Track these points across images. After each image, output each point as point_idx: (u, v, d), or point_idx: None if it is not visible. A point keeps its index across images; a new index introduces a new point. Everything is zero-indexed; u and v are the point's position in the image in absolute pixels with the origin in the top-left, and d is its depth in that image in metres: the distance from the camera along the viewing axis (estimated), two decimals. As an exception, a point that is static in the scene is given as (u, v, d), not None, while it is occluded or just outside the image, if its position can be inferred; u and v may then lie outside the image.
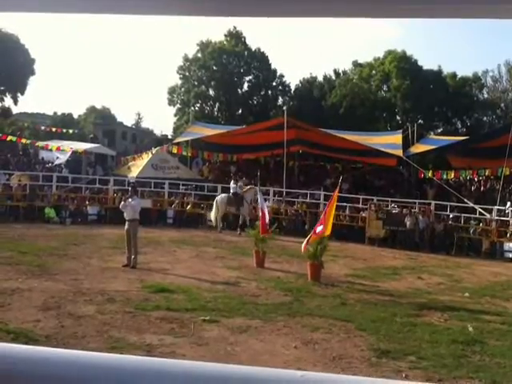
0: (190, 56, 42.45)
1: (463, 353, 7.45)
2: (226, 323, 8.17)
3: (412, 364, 6.88)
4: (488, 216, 21.47)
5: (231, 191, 21.58)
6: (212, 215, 21.07)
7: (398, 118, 39.54)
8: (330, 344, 7.58)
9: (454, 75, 38.80)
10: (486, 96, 39.24)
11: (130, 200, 12.77)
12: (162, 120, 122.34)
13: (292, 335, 7.87)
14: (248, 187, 21.73)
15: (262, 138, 28.28)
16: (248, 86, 42.70)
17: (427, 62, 68.63)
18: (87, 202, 22.92)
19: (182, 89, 42.56)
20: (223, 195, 21.34)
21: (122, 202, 13.16)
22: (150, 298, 9.43)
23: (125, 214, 12.76)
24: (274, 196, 24.20)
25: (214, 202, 21.02)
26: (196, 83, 41.84)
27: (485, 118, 39.02)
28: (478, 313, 10.03)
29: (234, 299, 9.72)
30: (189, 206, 23.46)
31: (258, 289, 10.87)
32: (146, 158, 27.29)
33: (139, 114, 63.96)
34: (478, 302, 11.17)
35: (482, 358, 7.29)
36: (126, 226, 12.59)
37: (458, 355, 7.32)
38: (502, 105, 37.68)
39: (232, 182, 22.04)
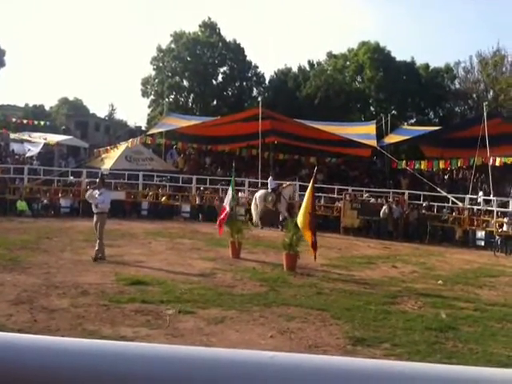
0: (164, 47, 42.01)
1: (436, 339, 7.54)
2: (201, 314, 8.13)
3: (387, 351, 6.94)
4: (460, 205, 21.83)
5: (269, 187, 21.23)
6: (252, 212, 20.79)
7: (371, 108, 39.81)
8: (305, 333, 7.60)
9: (426, 66, 39.19)
10: (457, 87, 39.72)
11: (97, 191, 12.44)
12: (135, 111, 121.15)
13: (268, 325, 7.86)
14: (287, 183, 21.55)
15: (237, 129, 28.21)
16: (222, 77, 42.48)
17: (400, 53, 69.27)
18: (60, 195, 22.59)
19: (156, 80, 42.11)
20: (262, 191, 21.01)
21: (89, 192, 12.88)
22: (125, 290, 9.32)
23: (93, 207, 12.50)
24: (249, 187, 24.18)
25: (253, 199, 20.78)
26: (170, 74, 41.42)
27: (457, 109, 39.52)
28: (451, 300, 10.18)
29: (209, 290, 9.67)
30: (163, 198, 23.31)
31: (234, 279, 10.84)
32: (119, 149, 27.00)
33: (112, 106, 63.21)
34: (451, 290, 11.33)
35: (455, 344, 7.39)
36: (94, 219, 12.34)
37: (431, 342, 7.41)
38: (474, 95, 38.19)
39: (270, 178, 21.66)
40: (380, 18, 78.17)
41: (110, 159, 26.62)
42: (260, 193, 20.86)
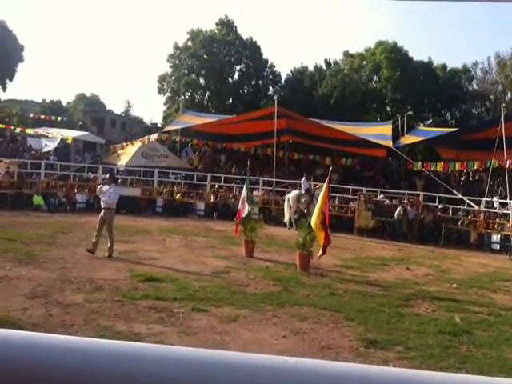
0: (181, 44, 42.11)
1: (450, 343, 7.48)
2: (214, 312, 8.15)
3: (400, 354, 6.91)
4: (476, 207, 21.63)
5: (303, 188, 21.12)
6: (285, 213, 20.78)
7: (388, 108, 39.57)
8: (318, 334, 7.58)
9: (443, 67, 38.85)
10: (475, 88, 39.33)
11: (107, 187, 12.49)
12: (151, 108, 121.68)
13: (281, 325, 7.86)
14: (319, 185, 21.50)
15: (253, 128, 28.21)
16: (239, 76, 42.46)
17: (417, 53, 68.73)
18: (76, 190, 22.78)
19: (172, 77, 42.19)
20: (295, 192, 20.94)
21: (98, 188, 12.97)
22: (139, 286, 9.37)
23: (101, 202, 12.56)
24: (264, 186, 24.18)
25: (286, 200, 20.78)
26: (186, 72, 41.50)
27: (474, 110, 39.14)
28: (465, 304, 10.10)
29: (222, 288, 9.69)
30: (178, 195, 23.40)
31: (247, 278, 10.85)
32: (135, 146, 27.14)
33: (129, 102, 63.84)
34: (465, 293, 11.24)
35: (469, 348, 7.33)
36: (101, 214, 12.34)
37: (445, 346, 7.35)
38: (492, 97, 37.76)
39: (304, 178, 21.59)
40: (397, 18, 77.60)
41: (125, 155, 26.77)
42: (293, 193, 20.75)
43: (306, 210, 20.42)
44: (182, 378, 0.79)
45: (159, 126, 40.16)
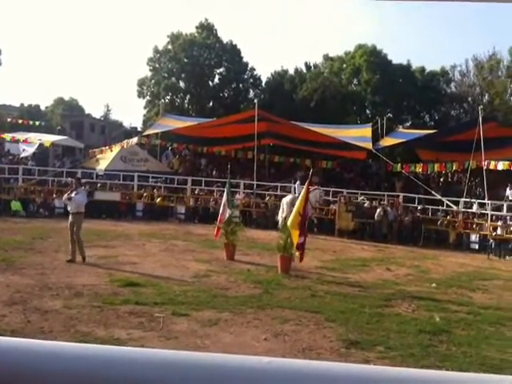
0: (161, 48, 41.96)
1: (430, 342, 7.54)
2: (195, 316, 8.11)
3: (380, 354, 6.93)
4: (455, 208, 21.89)
5: (297, 192, 20.97)
6: (279, 217, 20.68)
7: (367, 111, 39.86)
8: (299, 335, 7.58)
9: (422, 70, 39.25)
10: (453, 90, 39.83)
11: (75, 192, 12.27)
12: (131, 112, 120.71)
13: (262, 327, 7.85)
14: (312, 188, 21.40)
15: (233, 131, 28.19)
16: (219, 79, 42.42)
17: (396, 57, 69.41)
18: (54, 195, 22.52)
19: (152, 81, 42.02)
20: (289, 196, 20.81)
21: (65, 195, 12.74)
22: (119, 291, 9.29)
23: (68, 207, 12.37)
24: (245, 189, 24.17)
25: (281, 204, 20.68)
26: (166, 75, 41.36)
27: (452, 112, 39.61)
28: (444, 303, 10.19)
29: (203, 292, 9.65)
30: (158, 199, 23.29)
31: (228, 281, 10.83)
32: (114, 150, 26.95)
33: (108, 106, 63.25)
34: (444, 293, 11.35)
35: (449, 347, 7.39)
36: (70, 219, 12.13)
37: (425, 345, 7.41)
38: (469, 99, 38.28)
39: (298, 182, 21.45)
40: (377, 21, 78.30)
41: (105, 160, 26.58)
42: (287, 198, 20.65)
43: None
44: (159, 379, 0.79)
45: (139, 129, 39.95)
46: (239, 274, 11.68)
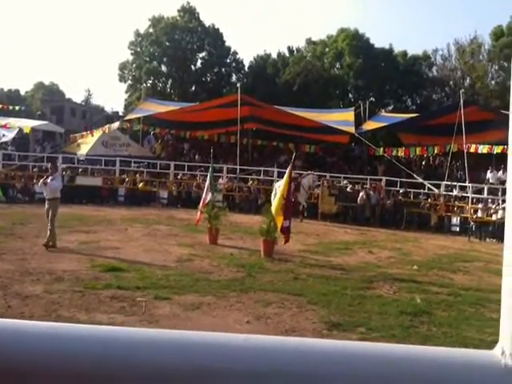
0: (142, 31, 41.49)
1: (411, 323, 7.63)
2: (178, 300, 8.11)
3: (362, 335, 6.99)
4: (436, 191, 22.08)
5: None
6: (272, 202, 20.49)
7: (350, 95, 39.91)
8: (282, 318, 7.63)
9: (404, 54, 39.33)
10: (435, 74, 40.01)
11: (50, 177, 12.01)
12: (112, 97, 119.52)
13: (245, 310, 7.88)
14: (305, 173, 21.30)
15: (216, 115, 28.02)
16: (201, 63, 42.12)
17: (379, 41, 69.43)
18: (34, 181, 22.23)
19: (134, 65, 41.60)
20: (282, 181, 20.68)
21: (41, 181, 12.48)
22: (100, 276, 9.25)
23: (44, 193, 12.16)
24: (228, 173, 24.11)
25: (273, 189, 20.53)
26: (148, 59, 40.96)
27: (434, 96, 39.81)
28: (425, 285, 10.31)
29: (186, 276, 9.64)
30: (141, 184, 23.13)
31: (211, 265, 10.82)
32: (96, 135, 26.66)
33: (89, 91, 62.51)
34: (425, 275, 11.47)
35: (430, 328, 7.49)
36: (46, 206, 11.88)
37: (406, 326, 7.49)
38: (451, 83, 38.49)
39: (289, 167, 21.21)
40: (359, 6, 78.11)
41: (86, 145, 26.30)
42: (280, 183, 20.61)
43: (293, 199, 20.36)
44: (132, 358, 0.79)
45: (120, 114, 39.52)
46: (222, 258, 11.68)
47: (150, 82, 41.24)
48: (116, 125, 27.28)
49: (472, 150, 22.41)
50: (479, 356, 0.75)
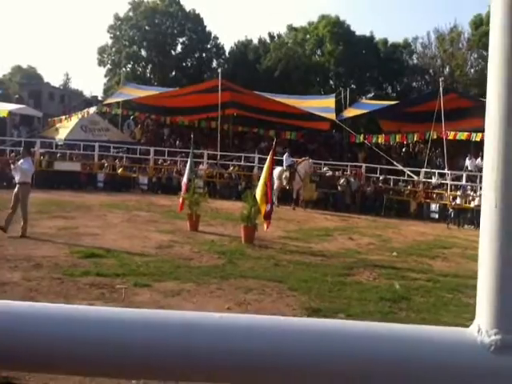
0: (122, 15, 40.98)
1: (390, 309, 7.69)
2: (158, 287, 8.05)
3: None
4: (416, 178, 22.28)
5: (284, 164, 20.59)
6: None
7: (331, 82, 39.95)
8: (262, 304, 7.63)
9: (385, 41, 39.47)
10: (415, 62, 40.26)
11: (21, 161, 11.62)
12: (91, 81, 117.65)
13: (225, 297, 7.86)
14: (301, 159, 21.09)
15: (197, 101, 27.84)
16: (182, 48, 41.78)
17: (360, 28, 69.44)
18: (12, 166, 21.86)
19: (113, 49, 41.12)
20: (278, 169, 20.43)
21: (13, 165, 12.14)
22: (79, 263, 9.13)
23: (15, 177, 11.76)
24: (209, 159, 24.00)
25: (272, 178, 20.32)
26: (127, 43, 40.51)
27: (414, 84, 40.09)
28: (405, 271, 10.40)
29: (166, 263, 9.58)
30: (120, 170, 22.91)
31: (192, 252, 10.76)
32: (74, 119, 26.28)
33: (67, 74, 61.83)
34: (405, 261, 11.58)
35: (408, 314, 7.55)
36: (15, 190, 11.46)
37: (385, 312, 7.55)
38: (431, 70, 38.76)
39: (286, 154, 21.09)
40: (341, -8, 77.79)
41: (64, 129, 25.93)
42: (276, 170, 20.43)
43: (288, 187, 20.29)
44: (103, 337, 0.78)
45: (100, 98, 39.02)
46: (203, 244, 11.63)
47: (130, 66, 40.86)
48: (93, 109, 26.93)
49: (451, 137, 22.63)
50: (456, 333, 0.77)
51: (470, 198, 19.78)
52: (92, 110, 26.78)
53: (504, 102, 0.73)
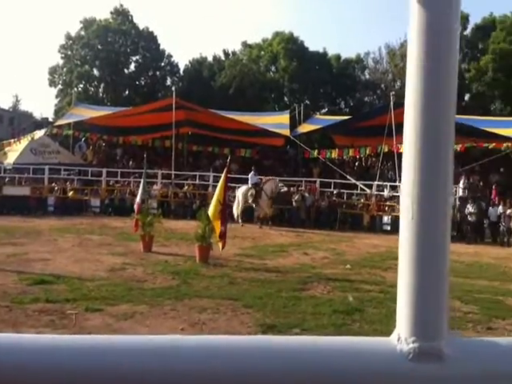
0: (73, 34, 40.51)
1: (344, 321, 7.78)
2: (110, 311, 7.91)
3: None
4: (368, 191, 22.69)
5: (250, 182, 20.49)
6: (234, 209, 20.12)
7: (285, 98, 40.43)
8: (217, 323, 7.59)
9: (338, 57, 40.22)
10: (367, 77, 41.17)
11: None
12: (42, 102, 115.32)
13: (179, 318, 7.79)
14: (267, 178, 20.92)
15: (150, 120, 27.69)
16: (135, 67, 41.58)
17: (313, 44, 70.67)
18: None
19: (64, 69, 40.58)
20: (244, 187, 20.21)
21: None
22: (28, 290, 8.89)
23: None
24: (163, 179, 23.83)
25: (236, 196, 20.12)
26: (79, 63, 40.04)
27: (366, 98, 40.96)
28: (358, 283, 10.55)
29: (119, 286, 9.43)
30: (71, 193, 22.48)
31: (145, 274, 10.64)
32: (24, 142, 25.73)
33: (17, 96, 60.21)
34: (358, 273, 11.74)
35: (361, 325, 7.66)
36: None
37: (339, 324, 7.63)
38: (382, 85, 39.69)
39: (252, 172, 20.91)
40: (294, 8, 79.33)
41: (13, 152, 25.37)
42: (242, 189, 20.39)
43: (254, 205, 20.24)
44: (58, 365, 0.78)
45: (50, 120, 38.35)
46: (156, 265, 11.51)
47: (82, 86, 40.34)
48: (43, 131, 26.45)
49: (402, 150, 23.02)
50: (379, 343, 0.80)
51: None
52: (42, 132, 26.28)
53: (418, 120, 0.81)
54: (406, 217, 0.79)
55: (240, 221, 20.07)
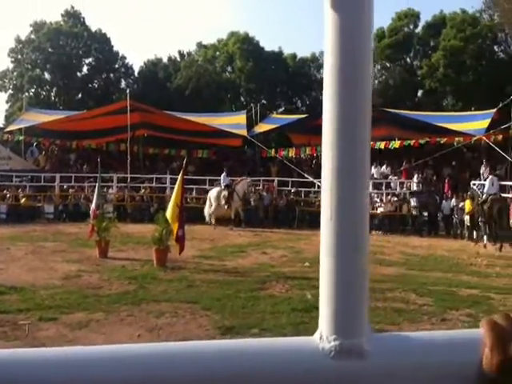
0: (23, 37, 39.46)
1: (302, 320, 7.80)
2: (64, 320, 7.73)
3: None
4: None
5: (222, 184, 20.19)
6: (205, 211, 19.76)
7: (242, 98, 40.46)
8: (174, 328, 7.52)
9: (294, 56, 40.52)
10: (323, 75, 41.59)
11: None
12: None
13: (136, 324, 7.68)
14: (239, 179, 20.56)
15: (105, 123, 27.25)
16: (88, 69, 40.80)
17: (269, 44, 70.97)
18: None
19: (15, 73, 39.52)
20: (216, 189, 19.82)
21: None
22: (-22, 302, 8.59)
23: None
24: (119, 183, 23.47)
25: (208, 198, 19.71)
26: (30, 67, 39.07)
27: (321, 97, 41.41)
28: (316, 280, 10.23)
29: (73, 294, 9.22)
30: (23, 199, 21.91)
31: (101, 280, 10.45)
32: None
33: (-35, 102, 58.36)
34: (316, 271, 11.44)
35: (318, 322, 7.70)
36: None
37: (297, 323, 7.66)
38: (338, 83, 40.21)
39: (224, 174, 20.54)
40: (248, 9, 79.35)
41: (-39, 160, 24.50)
42: (213, 191, 20.10)
43: (226, 207, 20.04)
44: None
45: (1, 126, 37.29)
46: (113, 271, 11.32)
47: (33, 90, 39.40)
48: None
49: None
50: (302, 342, 0.80)
51: (377, 204, 20.59)
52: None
53: (336, 118, 0.79)
54: (325, 217, 0.79)
55: (213, 222, 19.97)
